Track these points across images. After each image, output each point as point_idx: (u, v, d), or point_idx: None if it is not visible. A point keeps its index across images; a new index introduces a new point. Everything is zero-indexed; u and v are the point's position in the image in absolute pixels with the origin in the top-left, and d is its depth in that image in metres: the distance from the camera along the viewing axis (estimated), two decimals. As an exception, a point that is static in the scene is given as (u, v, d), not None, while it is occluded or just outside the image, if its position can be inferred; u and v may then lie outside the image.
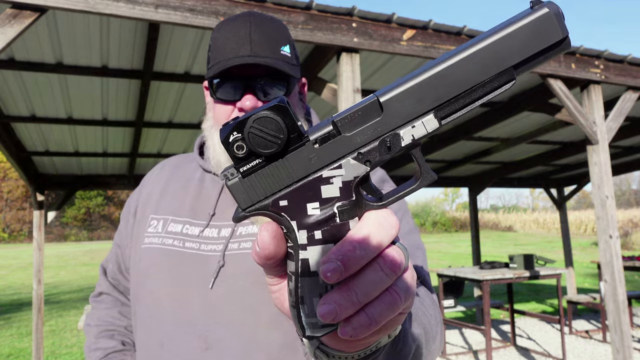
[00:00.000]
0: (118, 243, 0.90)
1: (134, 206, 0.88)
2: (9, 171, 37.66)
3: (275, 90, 0.77)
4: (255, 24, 0.76)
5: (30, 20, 1.98)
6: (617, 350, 3.03)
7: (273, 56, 0.75)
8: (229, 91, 0.76)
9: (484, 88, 0.32)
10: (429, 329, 0.59)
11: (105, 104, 3.68)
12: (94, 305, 0.94)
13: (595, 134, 3.16)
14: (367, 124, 0.33)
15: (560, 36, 0.31)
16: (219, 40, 0.77)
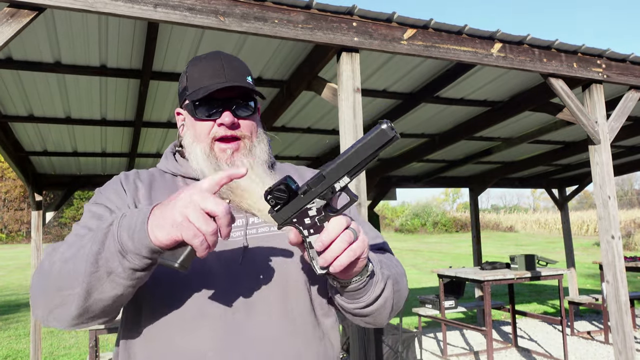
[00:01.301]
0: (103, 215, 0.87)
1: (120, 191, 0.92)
2: (6, 171, 37.63)
3: (244, 110, 0.96)
4: (225, 60, 0.97)
5: (28, 19, 1.96)
6: (620, 352, 3.00)
7: (242, 83, 0.94)
8: (207, 111, 0.93)
9: (360, 165, 0.69)
10: (395, 272, 0.90)
11: (104, 104, 3.65)
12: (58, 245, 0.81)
13: (597, 133, 3.14)
14: (320, 184, 0.72)
15: (391, 137, 0.67)
16: (196, 73, 0.95)
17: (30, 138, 4.39)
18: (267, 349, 0.81)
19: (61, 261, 0.74)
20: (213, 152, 0.93)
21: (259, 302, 0.84)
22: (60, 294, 0.72)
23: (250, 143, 0.96)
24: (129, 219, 0.70)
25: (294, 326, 0.85)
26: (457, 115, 4.51)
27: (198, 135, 0.94)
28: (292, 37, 2.34)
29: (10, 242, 37.75)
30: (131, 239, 0.68)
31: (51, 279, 0.73)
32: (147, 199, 0.92)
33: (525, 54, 2.92)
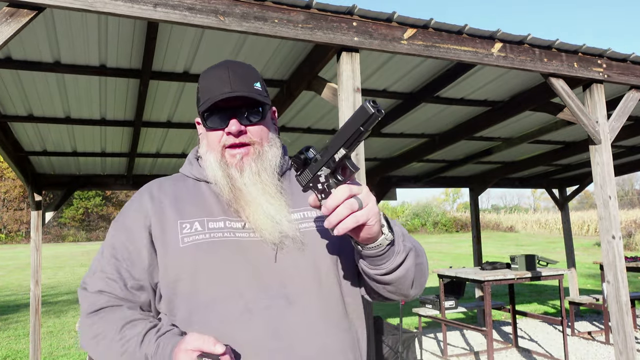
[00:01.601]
0: (120, 258, 0.98)
1: (140, 222, 0.99)
2: (6, 171, 37.60)
3: (252, 116, 0.99)
4: (231, 69, 1.00)
5: (27, 18, 1.95)
6: (620, 352, 3.00)
7: (248, 90, 0.98)
8: (216, 121, 0.99)
9: (351, 138, 0.76)
10: (417, 246, 0.99)
11: (104, 104, 3.65)
12: (95, 319, 0.95)
13: (598, 133, 3.13)
14: (324, 154, 0.81)
15: (370, 113, 0.74)
16: (205, 83, 1.00)
17: (30, 138, 4.38)
18: (306, 337, 0.90)
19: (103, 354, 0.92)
20: (224, 158, 0.99)
21: (297, 295, 0.93)
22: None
23: (260, 148, 0.99)
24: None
25: (328, 316, 0.94)
26: (457, 115, 4.50)
27: (210, 144, 1.01)
28: (292, 36, 2.34)
29: (9, 242, 37.72)
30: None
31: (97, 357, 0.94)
32: (175, 212, 0.99)
33: (525, 53, 2.92)
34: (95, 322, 0.94)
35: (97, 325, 0.94)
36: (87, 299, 0.97)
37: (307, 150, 0.82)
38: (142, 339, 0.89)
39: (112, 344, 0.90)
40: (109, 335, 0.91)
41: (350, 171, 0.78)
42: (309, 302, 0.93)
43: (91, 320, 0.95)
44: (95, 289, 0.96)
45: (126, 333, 0.90)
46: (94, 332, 0.94)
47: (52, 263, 18.89)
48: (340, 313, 0.96)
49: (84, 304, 0.98)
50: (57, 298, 10.48)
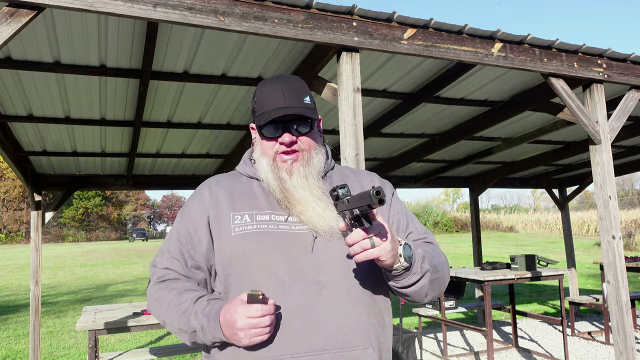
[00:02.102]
0: (183, 242, 1.15)
1: (200, 212, 1.16)
2: (6, 171, 37.59)
3: (302, 128, 1.14)
4: (285, 84, 1.14)
5: (27, 18, 1.95)
6: (620, 352, 2.99)
7: (300, 105, 1.13)
8: (271, 131, 1.13)
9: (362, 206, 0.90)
10: (437, 262, 1.11)
11: (104, 104, 3.65)
12: (160, 286, 1.13)
13: (598, 133, 3.13)
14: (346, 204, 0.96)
15: (371, 201, 0.87)
16: (262, 97, 1.15)
17: (30, 138, 4.38)
18: (334, 319, 1.04)
19: (164, 320, 1.11)
20: (276, 163, 1.14)
21: (328, 282, 1.06)
22: (170, 329, 1.12)
23: (309, 155, 1.15)
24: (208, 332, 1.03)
25: (355, 302, 1.08)
26: (457, 115, 4.50)
27: (264, 150, 1.16)
28: (292, 36, 2.33)
29: (9, 242, 37.70)
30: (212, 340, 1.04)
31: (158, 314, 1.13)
32: (230, 204, 1.15)
33: (525, 53, 2.92)
34: (160, 289, 1.13)
35: (161, 291, 1.12)
36: (156, 273, 1.16)
37: (341, 188, 0.97)
38: (196, 299, 1.06)
39: (172, 304, 1.08)
40: (170, 297, 1.09)
41: (364, 225, 0.94)
42: (339, 289, 1.07)
43: (157, 288, 1.14)
44: (163, 266, 1.15)
45: (183, 296, 1.08)
46: (158, 296, 1.12)
47: (52, 263, 18.89)
48: (368, 300, 1.10)
49: (153, 276, 1.17)
50: (57, 298, 10.47)
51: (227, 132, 4.62)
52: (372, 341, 1.07)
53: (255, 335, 0.97)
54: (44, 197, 5.45)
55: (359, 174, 1.27)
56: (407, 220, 1.22)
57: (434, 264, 1.09)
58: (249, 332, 0.97)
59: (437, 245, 1.20)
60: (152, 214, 59.86)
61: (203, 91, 3.53)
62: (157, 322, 3.44)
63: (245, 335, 0.97)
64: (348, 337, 1.04)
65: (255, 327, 0.96)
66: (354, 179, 1.24)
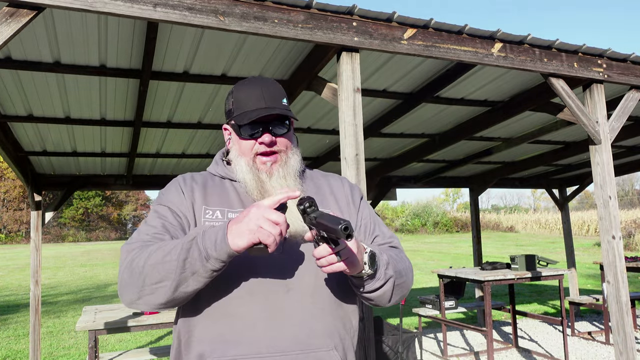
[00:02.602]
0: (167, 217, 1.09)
1: (179, 195, 1.13)
2: (6, 171, 37.59)
3: (281, 129, 1.15)
4: (264, 86, 1.15)
5: (27, 18, 1.95)
6: (620, 352, 2.99)
7: (279, 107, 1.14)
8: (250, 131, 1.13)
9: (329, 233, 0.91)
10: (401, 268, 1.13)
11: (104, 104, 3.65)
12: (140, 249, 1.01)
13: (598, 133, 3.13)
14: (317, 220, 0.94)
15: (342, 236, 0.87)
16: (241, 97, 1.15)
17: (30, 138, 4.38)
18: (299, 321, 1.04)
19: (150, 264, 0.96)
20: (255, 164, 1.14)
21: (295, 284, 1.06)
22: (151, 287, 0.96)
23: (286, 156, 1.16)
24: (209, 234, 0.94)
25: (321, 304, 1.08)
26: (457, 115, 4.50)
27: (243, 151, 1.15)
28: (292, 36, 2.33)
29: (9, 242, 37.70)
30: (214, 248, 0.92)
31: (143, 276, 0.96)
32: (202, 198, 1.13)
33: (525, 53, 2.92)
34: (140, 248, 1.01)
35: (142, 250, 1.00)
36: (130, 246, 1.03)
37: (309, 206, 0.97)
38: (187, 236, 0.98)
39: (160, 249, 0.97)
40: (153, 248, 0.98)
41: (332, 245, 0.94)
42: (306, 291, 1.07)
43: (135, 252, 1.00)
44: (143, 240, 1.04)
45: (170, 241, 0.99)
46: (135, 256, 0.99)
47: (52, 263, 18.88)
48: (334, 303, 1.10)
49: (125, 251, 1.03)
50: (57, 298, 10.47)
51: (227, 132, 4.61)
52: (337, 343, 1.08)
53: (266, 225, 0.89)
54: (44, 197, 5.45)
55: (329, 178, 1.28)
56: (374, 224, 1.23)
57: (398, 269, 1.11)
58: (262, 220, 0.89)
59: (402, 250, 1.22)
60: (152, 214, 59.65)
61: (203, 91, 3.53)
62: (157, 322, 3.44)
63: (257, 219, 0.89)
64: (312, 339, 1.04)
65: (269, 220, 0.90)
66: (324, 181, 1.25)
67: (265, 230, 0.89)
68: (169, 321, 3.43)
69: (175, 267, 0.93)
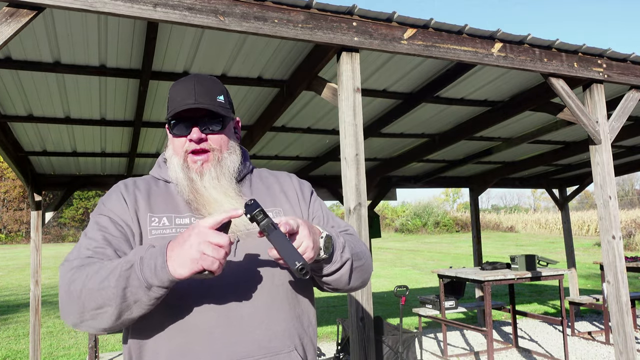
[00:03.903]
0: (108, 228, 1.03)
1: (121, 203, 1.07)
2: (6, 171, 37.59)
3: (213, 125, 1.09)
4: (198, 82, 1.10)
5: (27, 18, 1.95)
6: (620, 352, 2.99)
7: (211, 103, 1.08)
8: (181, 128, 1.09)
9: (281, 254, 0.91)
10: (358, 252, 1.11)
11: (104, 104, 3.65)
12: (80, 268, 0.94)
13: (598, 133, 3.13)
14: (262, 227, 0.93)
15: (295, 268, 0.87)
16: (173, 94, 1.10)
17: (30, 138, 4.38)
18: (257, 324, 1.01)
19: (88, 289, 0.89)
20: (186, 163, 1.09)
21: (249, 285, 1.03)
22: (92, 313, 0.90)
23: (220, 155, 1.10)
24: (148, 260, 0.87)
25: (278, 304, 1.05)
26: (457, 115, 4.50)
27: (175, 149, 1.12)
28: (292, 36, 2.33)
29: (9, 242, 37.71)
30: (155, 276, 0.87)
31: (82, 301, 0.90)
32: (146, 206, 1.08)
33: (525, 53, 2.92)
34: (79, 268, 0.93)
35: (81, 270, 0.93)
36: (68, 265, 0.96)
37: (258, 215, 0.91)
38: (127, 256, 0.92)
39: (96, 270, 0.90)
40: (94, 268, 0.91)
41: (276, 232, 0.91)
42: (261, 293, 1.03)
43: (74, 270, 0.93)
44: (84, 256, 0.97)
45: (112, 261, 0.92)
46: (76, 276, 0.92)
47: (52, 263, 18.88)
48: (291, 301, 1.08)
49: (64, 269, 0.95)
50: (57, 298, 10.46)
51: (227, 132, 4.61)
52: (297, 343, 1.06)
53: (209, 251, 0.83)
54: (44, 197, 5.45)
55: (278, 176, 1.24)
56: (327, 216, 1.22)
57: (356, 252, 1.10)
58: (203, 245, 0.83)
59: (358, 238, 1.21)
60: (152, 214, 59.75)
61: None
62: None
63: (198, 244, 0.83)
64: (272, 342, 1.02)
65: (212, 244, 0.84)
66: (273, 180, 1.22)
67: (209, 257, 0.84)
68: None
69: (114, 294, 0.87)
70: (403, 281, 11.64)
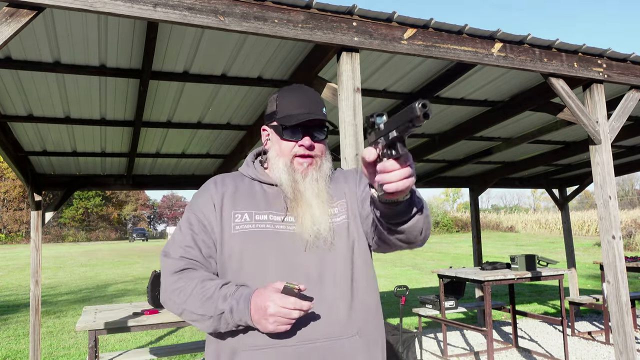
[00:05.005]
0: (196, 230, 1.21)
1: (209, 204, 1.22)
2: (6, 171, 37.61)
3: (320, 135, 1.26)
4: (307, 93, 1.27)
5: (27, 18, 1.95)
6: (620, 352, 2.99)
7: (320, 114, 1.24)
8: (292, 134, 1.23)
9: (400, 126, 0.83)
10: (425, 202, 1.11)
11: (104, 104, 3.65)
12: (178, 277, 1.16)
13: (598, 133, 3.13)
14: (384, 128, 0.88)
15: (416, 115, 0.78)
16: (285, 102, 1.25)
17: (30, 138, 4.38)
18: (319, 310, 1.12)
19: (188, 312, 1.13)
20: (292, 165, 1.23)
21: (317, 278, 1.15)
22: (188, 318, 1.15)
23: (321, 161, 1.25)
24: (236, 315, 1.08)
25: (340, 295, 1.16)
26: (457, 115, 4.50)
27: (282, 151, 1.24)
28: (292, 36, 2.33)
29: (9, 242, 37.70)
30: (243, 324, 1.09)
31: (182, 315, 1.14)
32: (232, 203, 1.22)
33: (525, 53, 2.92)
34: (178, 279, 1.15)
35: (181, 281, 1.14)
36: (170, 264, 1.18)
37: (378, 116, 0.91)
38: (221, 285, 1.11)
39: (195, 291, 1.11)
40: (191, 286, 1.12)
41: (399, 152, 0.87)
42: (327, 284, 1.15)
43: (175, 278, 1.15)
44: (178, 255, 1.18)
45: (206, 284, 1.12)
46: (176, 286, 1.14)
47: (52, 263, 18.89)
48: (354, 292, 1.18)
49: (167, 267, 1.18)
50: (57, 298, 10.47)
51: (227, 132, 4.62)
52: (359, 328, 1.15)
53: (283, 323, 1.04)
54: (44, 197, 5.45)
55: (345, 172, 1.37)
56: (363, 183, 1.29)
57: (424, 201, 1.11)
58: (279, 319, 1.03)
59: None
60: (152, 214, 59.84)
61: (203, 91, 3.53)
62: (157, 322, 3.44)
63: (274, 322, 1.04)
64: (331, 328, 1.12)
65: (285, 316, 1.03)
66: (341, 176, 1.33)
67: (283, 326, 1.05)
68: (168, 321, 3.43)
69: (207, 327, 1.12)
70: (403, 281, 11.64)
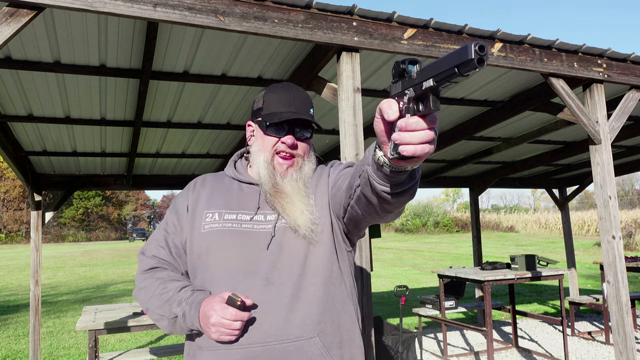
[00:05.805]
0: (169, 231, 1.26)
1: (184, 206, 1.26)
2: (6, 171, 37.62)
3: (304, 133, 1.24)
4: (295, 93, 1.25)
5: (27, 18, 1.95)
6: (620, 352, 2.99)
7: (306, 114, 1.23)
8: (277, 130, 1.22)
9: (443, 73, 0.68)
10: None
11: (104, 104, 3.65)
12: (147, 275, 1.22)
13: (598, 133, 3.13)
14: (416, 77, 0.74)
15: (469, 57, 0.63)
16: (272, 99, 1.24)
17: (30, 138, 4.38)
18: (277, 311, 1.10)
19: (149, 311, 1.19)
20: (272, 163, 1.21)
21: (277, 277, 1.12)
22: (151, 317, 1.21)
23: (302, 162, 1.23)
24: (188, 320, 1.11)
25: (302, 296, 1.12)
26: (457, 115, 4.50)
27: (264, 146, 1.23)
28: (292, 36, 2.34)
29: (9, 242, 37.70)
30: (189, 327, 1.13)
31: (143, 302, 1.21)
32: (206, 202, 1.23)
33: (525, 53, 2.92)
34: (145, 278, 1.22)
35: (147, 280, 1.21)
36: (143, 261, 1.26)
37: (410, 63, 0.76)
38: (180, 289, 1.15)
39: (156, 292, 1.17)
40: (154, 286, 1.18)
41: (430, 107, 0.72)
42: (287, 285, 1.12)
43: (143, 277, 1.22)
44: (150, 254, 1.25)
45: (168, 285, 1.17)
46: (143, 285, 1.21)
47: (52, 263, 18.89)
48: (319, 295, 1.14)
49: (140, 264, 1.26)
50: (57, 298, 10.47)
51: (227, 132, 4.62)
52: (322, 329, 1.12)
53: (224, 334, 1.07)
54: (44, 197, 5.45)
55: (327, 167, 1.31)
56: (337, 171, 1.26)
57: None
58: (219, 329, 1.06)
59: None
60: (152, 214, 59.87)
61: (203, 91, 3.53)
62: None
63: (215, 331, 1.07)
64: (289, 329, 1.09)
65: (225, 327, 1.06)
66: (321, 172, 1.29)
67: (226, 336, 1.07)
68: (169, 321, 3.44)
69: (166, 326, 1.17)
70: (403, 281, 11.64)
